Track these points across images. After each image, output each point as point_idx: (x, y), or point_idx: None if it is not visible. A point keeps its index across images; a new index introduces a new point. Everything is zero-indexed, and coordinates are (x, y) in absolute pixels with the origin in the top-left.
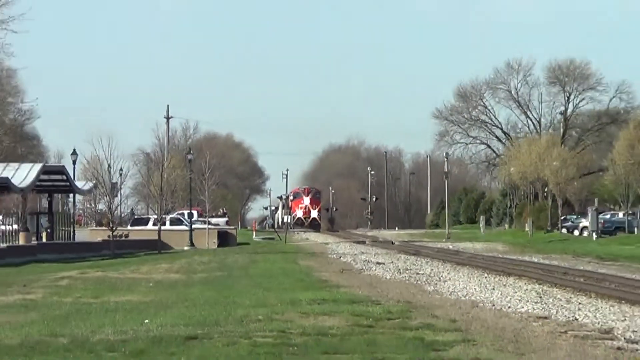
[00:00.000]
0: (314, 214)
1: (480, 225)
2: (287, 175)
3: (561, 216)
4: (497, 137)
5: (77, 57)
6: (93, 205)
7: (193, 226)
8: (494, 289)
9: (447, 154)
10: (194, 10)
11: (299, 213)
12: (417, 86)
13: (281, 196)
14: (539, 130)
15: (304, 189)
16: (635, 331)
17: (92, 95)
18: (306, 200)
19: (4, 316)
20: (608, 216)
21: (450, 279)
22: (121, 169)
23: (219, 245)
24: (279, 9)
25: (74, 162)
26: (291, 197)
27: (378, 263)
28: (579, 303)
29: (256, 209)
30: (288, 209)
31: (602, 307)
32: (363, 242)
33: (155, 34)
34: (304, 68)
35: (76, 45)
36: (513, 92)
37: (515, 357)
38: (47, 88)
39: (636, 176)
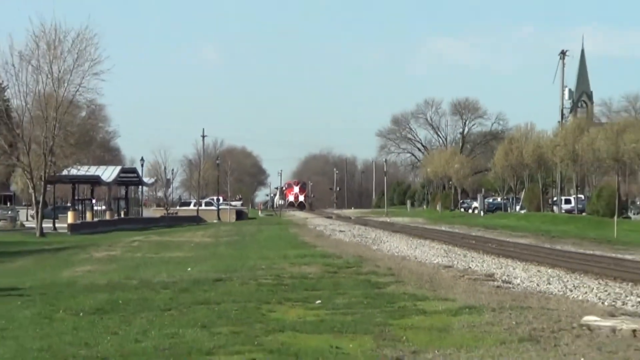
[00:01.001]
0: (301, 198)
1: (407, 206)
2: (281, 173)
3: (460, 200)
4: (418, 148)
5: (141, 92)
6: (154, 193)
7: (220, 207)
8: (416, 247)
9: (385, 160)
10: (223, 61)
11: (291, 198)
12: (366, 113)
13: (278, 187)
14: (445, 144)
15: (295, 181)
16: (509, 275)
17: (151, 119)
18: (296, 189)
19: (96, 266)
20: (490, 200)
21: (387, 241)
22: (172, 170)
23: (236, 219)
24: (278, 48)
25: (142, 165)
26: (285, 187)
27: (340, 231)
28: (472, 257)
29: (261, 195)
30: (282, 195)
31: (487, 260)
32: (331, 217)
33: (196, 77)
34: (294, 99)
35: (140, 83)
36: (429, 119)
37: (430, 292)
38: (125, 114)
39: (509, 174)
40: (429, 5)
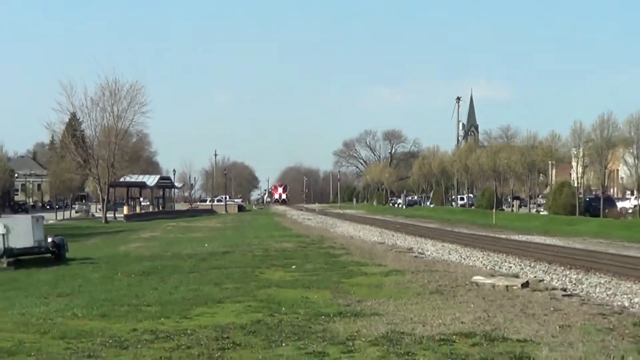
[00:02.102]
0: (283, 196)
1: (354, 202)
2: (268, 179)
3: (389, 198)
4: (360, 163)
5: (174, 124)
6: (182, 193)
7: (227, 203)
8: (359, 230)
9: (339, 170)
10: (230, 102)
11: (276, 196)
12: (327, 137)
13: (266, 189)
14: (379, 160)
15: (280, 184)
16: (422, 249)
17: (181, 143)
18: (279, 190)
19: (142, 243)
20: (410, 198)
21: (340, 226)
22: (195, 177)
23: (238, 211)
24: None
25: (174, 174)
26: (272, 188)
27: (308, 219)
28: (397, 236)
29: (255, 194)
30: (270, 194)
31: (408, 238)
32: (302, 210)
33: (212, 112)
34: (278, 127)
35: (174, 118)
36: (368, 143)
37: (369, 260)
38: (163, 139)
39: (422, 180)
40: (372, 63)
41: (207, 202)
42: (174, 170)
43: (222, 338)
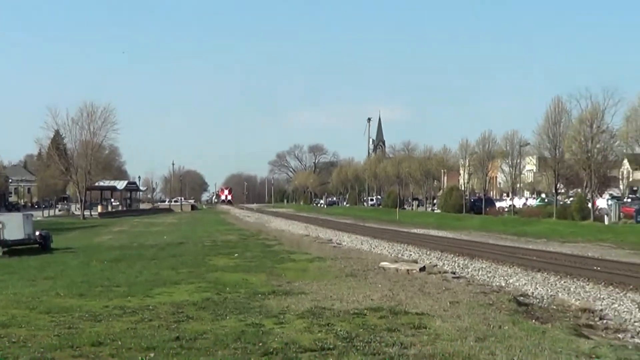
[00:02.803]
0: (229, 197)
1: (285, 203)
2: (216, 184)
3: (313, 199)
4: (290, 171)
5: (139, 139)
6: (146, 195)
7: (182, 203)
8: (289, 225)
9: (273, 177)
10: (186, 121)
11: (223, 197)
12: (263, 149)
13: (214, 191)
14: (305, 169)
15: (225, 187)
16: (340, 240)
17: (145, 154)
18: (225, 192)
19: (113, 235)
20: (330, 199)
21: (273, 222)
22: (156, 182)
23: (191, 210)
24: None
25: (139, 180)
26: (219, 191)
27: (248, 216)
28: (319, 230)
29: (205, 196)
30: (218, 196)
31: (328, 232)
32: (243, 209)
33: (170, 129)
34: (223, 141)
35: (139, 134)
36: (296, 155)
37: (297, 249)
38: (130, 151)
39: (340, 185)
40: (302, 89)
41: (166, 203)
42: (139, 177)
43: (178, 312)
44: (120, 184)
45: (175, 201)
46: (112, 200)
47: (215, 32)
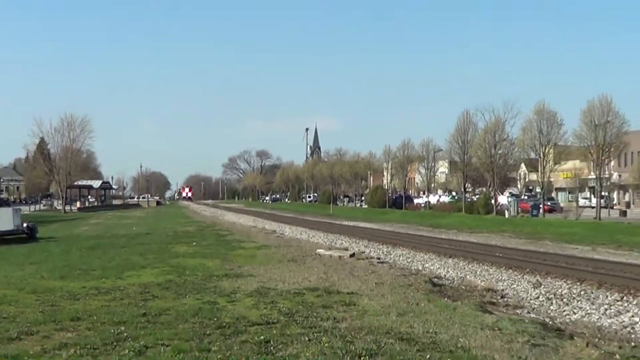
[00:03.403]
0: (189, 195)
1: (236, 199)
2: (177, 183)
3: (260, 196)
4: (241, 172)
5: (111, 146)
6: (118, 193)
7: (149, 199)
8: (240, 218)
9: (226, 177)
10: (155, 128)
11: (184, 194)
12: (219, 153)
13: (177, 190)
14: (254, 170)
15: (186, 185)
16: (283, 231)
17: (117, 158)
18: (186, 190)
19: (90, 227)
20: (275, 196)
21: (226, 215)
22: (126, 182)
23: (157, 205)
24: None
25: (112, 179)
26: (181, 189)
27: (205, 211)
28: (265, 222)
29: (169, 193)
30: (179, 193)
31: (272, 224)
32: (200, 204)
33: (140, 136)
34: (184, 146)
35: (111, 141)
36: (246, 159)
37: (246, 238)
38: (105, 155)
39: (283, 185)
40: (251, 102)
41: (135, 199)
42: (112, 177)
43: (145, 292)
44: (96, 183)
45: (143, 198)
46: (89, 197)
47: (178, 49)
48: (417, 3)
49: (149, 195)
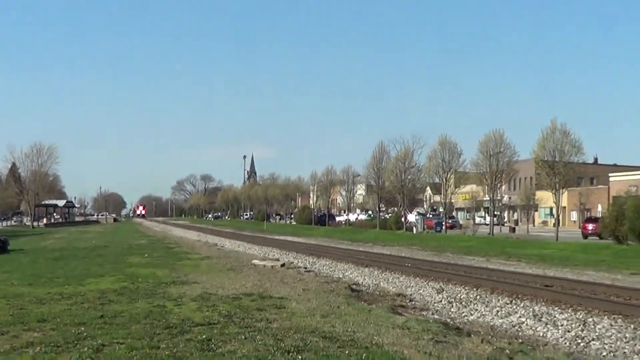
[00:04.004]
0: (143, 212)
1: (183, 217)
2: (132, 202)
3: (204, 214)
4: (187, 193)
5: (73, 171)
6: (80, 211)
7: (107, 216)
8: (186, 232)
9: (174, 198)
10: (113, 154)
11: (138, 212)
12: (165, 178)
13: (131, 208)
14: (198, 192)
15: (140, 204)
16: (223, 244)
17: (79, 181)
18: (140, 208)
19: (55, 240)
20: (216, 214)
21: (174, 230)
22: (87, 202)
23: (114, 222)
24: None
25: (75, 199)
26: (135, 207)
27: (156, 227)
28: (208, 237)
29: (124, 211)
30: (134, 211)
31: (214, 238)
32: (152, 221)
33: (98, 161)
34: (137, 171)
35: (74, 165)
36: (191, 181)
37: (191, 251)
38: (69, 178)
39: (223, 204)
40: (201, 128)
41: (95, 216)
42: (75, 197)
43: (102, 297)
44: (61, 202)
45: (102, 215)
46: (55, 214)
47: (129, 80)
48: (343, 39)
49: (107, 213)
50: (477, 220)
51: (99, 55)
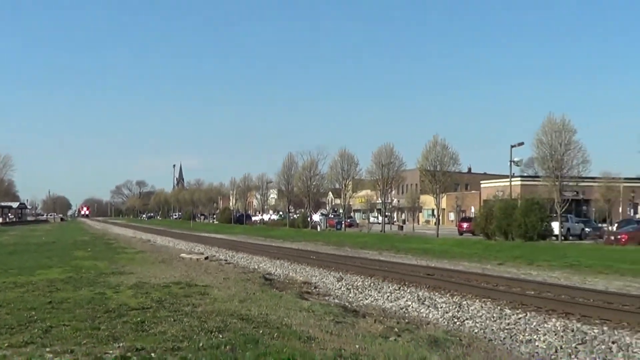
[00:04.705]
0: (87, 213)
1: (121, 217)
2: (76, 204)
3: (139, 214)
4: (124, 197)
5: (29, 176)
6: (31, 211)
7: (55, 216)
8: (123, 231)
9: (113, 201)
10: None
11: (82, 212)
12: (106, 183)
13: (76, 208)
14: (134, 195)
15: (84, 205)
16: (154, 240)
17: (31, 187)
18: (84, 209)
19: (9, 237)
20: (150, 214)
21: (113, 229)
22: (38, 204)
23: (61, 221)
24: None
25: (27, 201)
26: (80, 208)
27: (97, 226)
28: (142, 234)
29: (70, 211)
30: (79, 212)
31: (148, 235)
32: (94, 221)
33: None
34: (91, 173)
35: (30, 172)
36: (128, 187)
37: (128, 246)
38: (24, 184)
39: (156, 206)
40: (140, 140)
41: (44, 216)
42: (27, 199)
43: (51, 286)
44: (15, 204)
45: (50, 215)
46: (9, 214)
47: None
48: (259, 60)
49: (55, 214)
50: (371, 219)
51: (42, 69)
